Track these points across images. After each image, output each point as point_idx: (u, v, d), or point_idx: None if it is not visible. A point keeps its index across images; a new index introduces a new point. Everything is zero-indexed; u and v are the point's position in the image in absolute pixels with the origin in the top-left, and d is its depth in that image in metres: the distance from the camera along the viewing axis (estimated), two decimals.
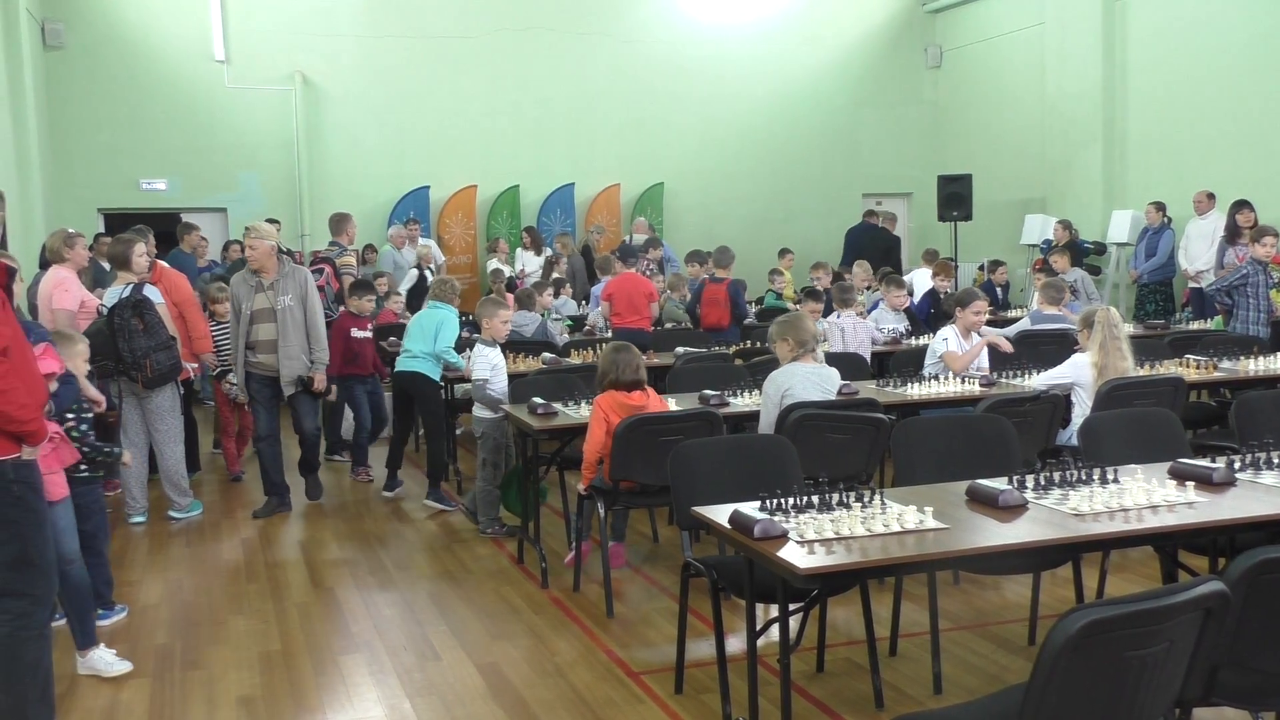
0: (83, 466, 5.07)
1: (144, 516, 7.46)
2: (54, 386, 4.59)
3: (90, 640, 4.90)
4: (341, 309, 8.84)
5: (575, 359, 8.41)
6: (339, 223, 10.06)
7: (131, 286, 7.18)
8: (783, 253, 13.66)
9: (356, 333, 8.57)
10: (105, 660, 4.88)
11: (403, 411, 8.08)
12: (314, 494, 7.96)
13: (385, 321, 10.93)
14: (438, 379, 7.78)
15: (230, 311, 7.69)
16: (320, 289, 8.89)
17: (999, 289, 12.92)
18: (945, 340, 7.28)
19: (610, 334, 9.91)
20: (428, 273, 12.90)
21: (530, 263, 14.46)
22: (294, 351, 7.47)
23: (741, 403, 6.38)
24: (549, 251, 14.43)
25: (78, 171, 14.48)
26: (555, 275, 12.64)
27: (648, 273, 12.39)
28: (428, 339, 7.66)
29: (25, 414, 3.76)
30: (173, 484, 7.47)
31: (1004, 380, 6.89)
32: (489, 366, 6.87)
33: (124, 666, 4.89)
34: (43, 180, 13.16)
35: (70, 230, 7.78)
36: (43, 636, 3.97)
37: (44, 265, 8.62)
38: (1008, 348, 7.64)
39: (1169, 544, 4.41)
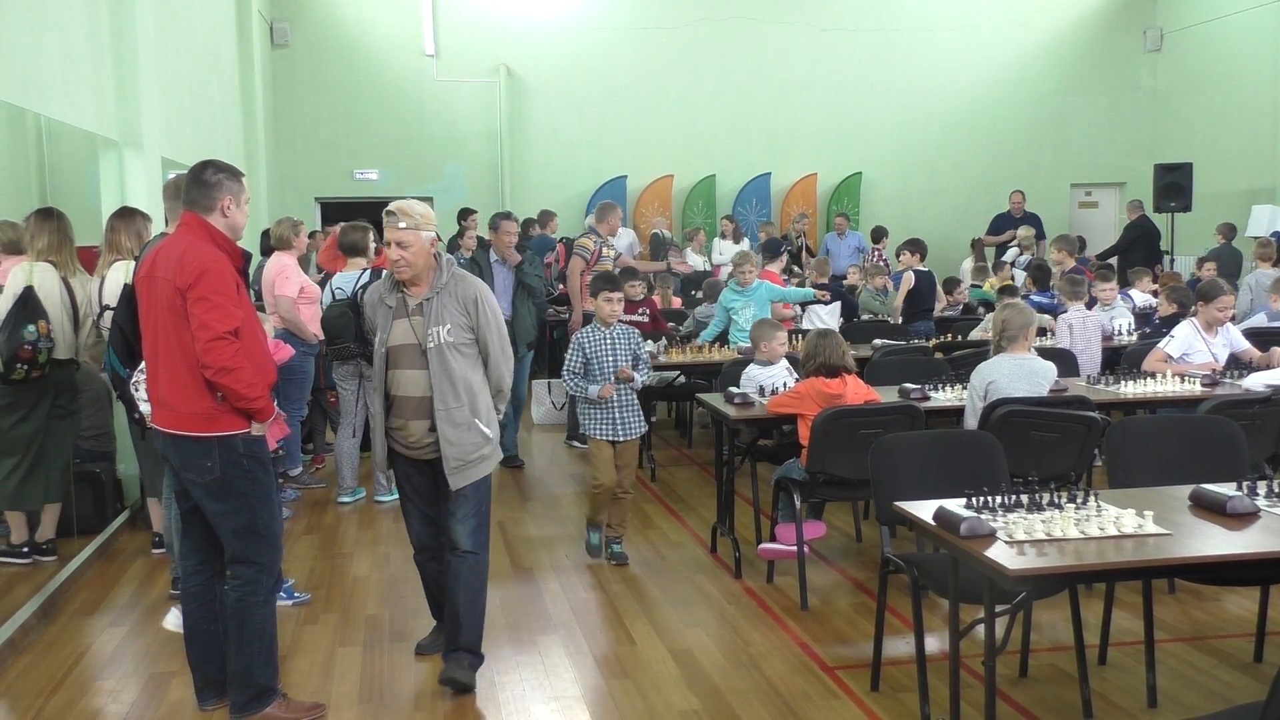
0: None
1: (352, 496, 7.74)
2: None
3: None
4: (561, 288, 8.59)
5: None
6: (602, 212, 9.65)
7: (370, 271, 7.50)
8: None
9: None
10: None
11: None
12: (463, 683, 4.53)
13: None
14: None
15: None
16: (547, 265, 8.60)
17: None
18: (1172, 337, 6.88)
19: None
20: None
21: (728, 251, 14.41)
22: (462, 416, 4.38)
23: (942, 397, 6.21)
24: (747, 241, 14.37)
25: (298, 163, 15.33)
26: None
27: (882, 264, 12.33)
28: None
29: (253, 392, 4.01)
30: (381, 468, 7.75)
31: (1229, 380, 6.48)
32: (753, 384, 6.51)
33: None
34: (267, 171, 13.96)
35: (295, 218, 8.18)
36: (268, 603, 4.21)
37: (265, 252, 9.07)
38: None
39: None
